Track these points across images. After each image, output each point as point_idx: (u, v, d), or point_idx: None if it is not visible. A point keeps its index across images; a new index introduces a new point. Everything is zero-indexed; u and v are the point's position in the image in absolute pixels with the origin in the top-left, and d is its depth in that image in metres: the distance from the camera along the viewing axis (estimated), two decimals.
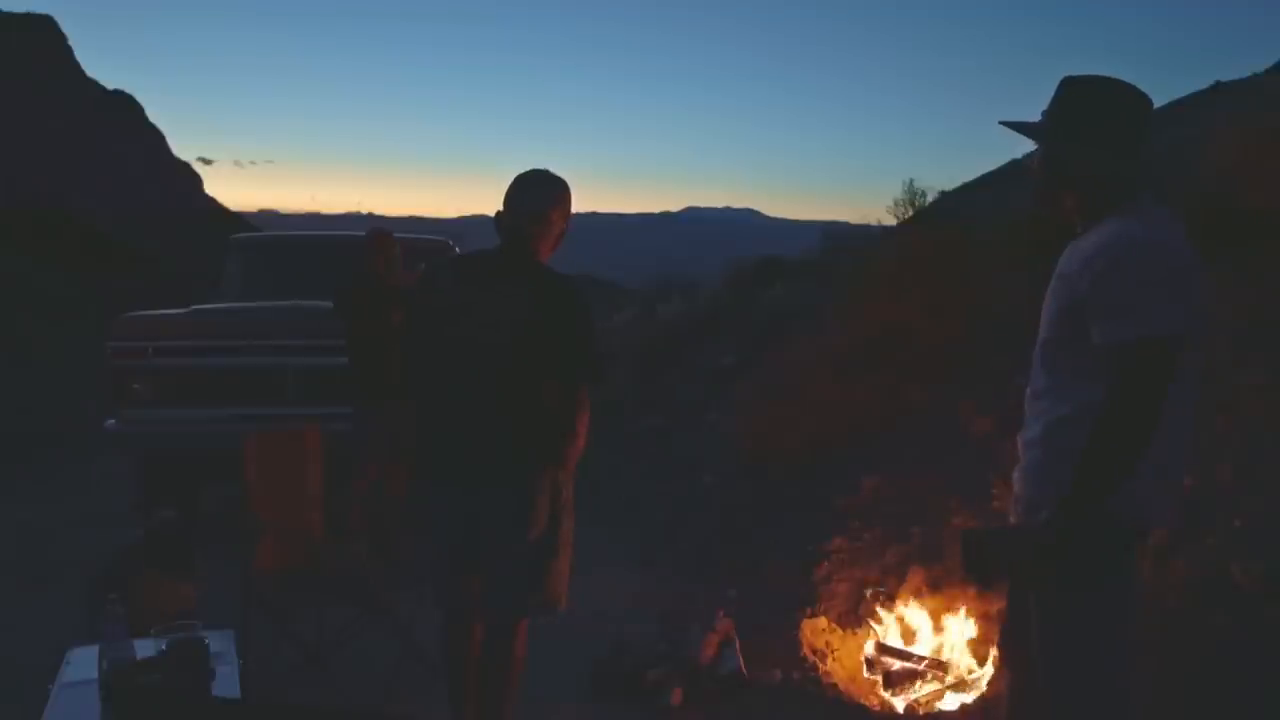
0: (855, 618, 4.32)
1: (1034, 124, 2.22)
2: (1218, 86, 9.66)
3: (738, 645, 3.99)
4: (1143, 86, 2.18)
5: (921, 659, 3.87)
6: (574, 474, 2.98)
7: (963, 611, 3.99)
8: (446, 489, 2.95)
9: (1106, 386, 1.97)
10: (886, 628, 4.12)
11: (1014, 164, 10.76)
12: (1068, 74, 2.21)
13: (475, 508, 2.90)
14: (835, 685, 3.88)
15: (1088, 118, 2.14)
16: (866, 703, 3.77)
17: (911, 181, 9.90)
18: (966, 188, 10.98)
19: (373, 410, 5.11)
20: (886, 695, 3.81)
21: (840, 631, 4.28)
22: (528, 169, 3.04)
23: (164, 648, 2.28)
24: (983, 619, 3.95)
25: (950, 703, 3.72)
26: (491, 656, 3.01)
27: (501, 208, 2.98)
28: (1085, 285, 2.04)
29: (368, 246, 5.30)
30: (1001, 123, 2.27)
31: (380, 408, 5.08)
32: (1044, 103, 2.25)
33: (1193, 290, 2.03)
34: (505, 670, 2.99)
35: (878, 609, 4.21)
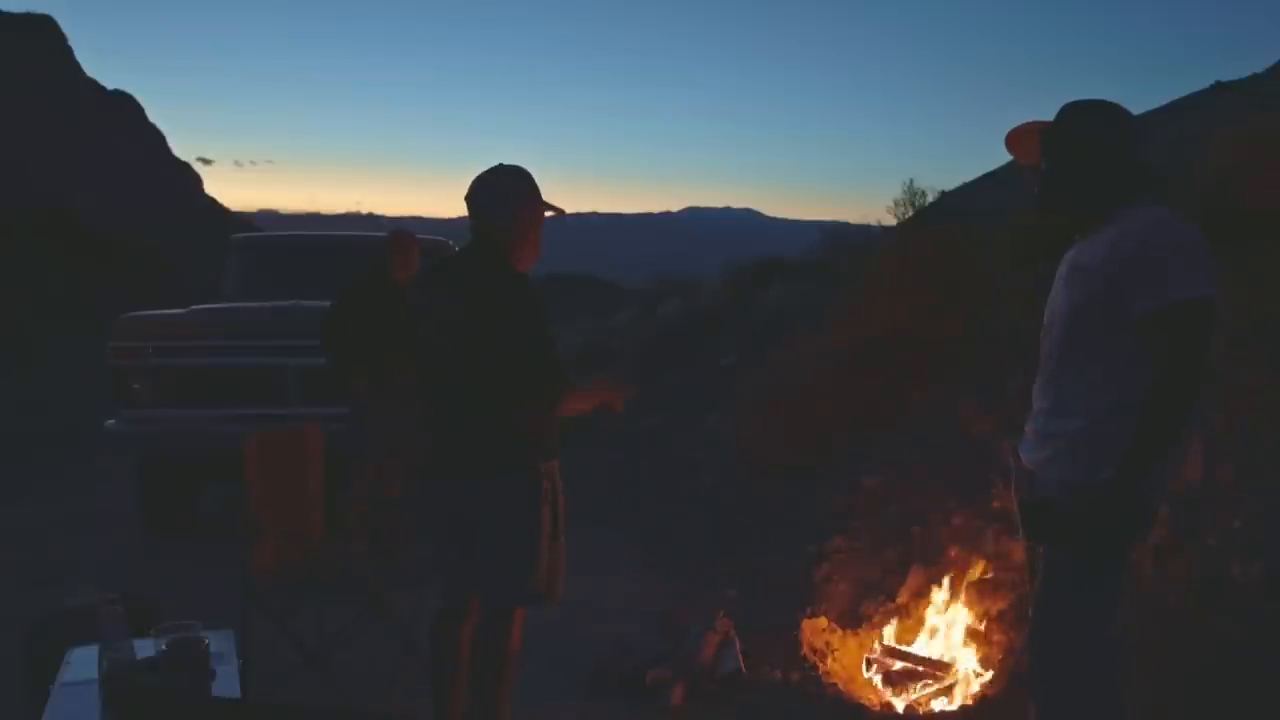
0: (855, 617, 4.32)
1: (1039, 128, 2.44)
2: (1218, 86, 9.68)
3: (738, 645, 3.99)
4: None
5: (921, 659, 3.87)
6: (554, 468, 2.99)
7: (965, 612, 4.00)
8: (439, 483, 3.04)
9: (1164, 346, 2.16)
10: (887, 628, 4.12)
11: (1014, 164, 10.75)
12: (1069, 100, 2.45)
13: (461, 500, 2.98)
14: (835, 685, 3.88)
15: (1084, 137, 2.38)
16: (866, 703, 3.77)
17: (911, 181, 9.95)
18: (966, 188, 11.00)
19: (367, 409, 5.09)
20: (887, 695, 3.81)
21: (840, 631, 4.27)
22: (491, 166, 3.03)
23: (164, 648, 2.28)
24: (984, 619, 3.95)
25: (950, 703, 3.72)
26: (483, 646, 3.03)
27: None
28: (1116, 268, 2.23)
29: (390, 247, 5.27)
30: (1008, 145, 2.57)
31: (366, 404, 5.06)
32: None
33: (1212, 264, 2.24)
34: (497, 660, 3.01)
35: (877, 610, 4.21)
